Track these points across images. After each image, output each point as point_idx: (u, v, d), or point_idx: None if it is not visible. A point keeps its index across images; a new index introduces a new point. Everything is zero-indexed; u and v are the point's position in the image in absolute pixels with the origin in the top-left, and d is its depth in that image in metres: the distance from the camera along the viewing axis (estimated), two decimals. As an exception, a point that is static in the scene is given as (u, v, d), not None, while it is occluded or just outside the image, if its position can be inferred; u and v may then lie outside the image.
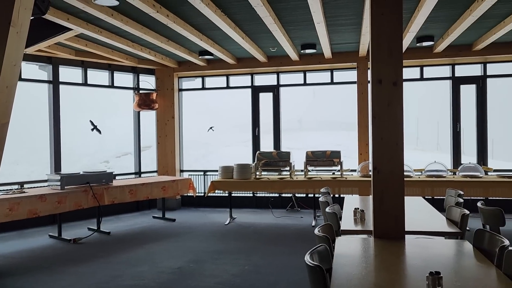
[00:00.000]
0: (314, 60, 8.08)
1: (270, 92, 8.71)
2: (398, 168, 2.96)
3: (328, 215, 3.45)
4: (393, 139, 2.97)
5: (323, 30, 6.00)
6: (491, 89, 7.78)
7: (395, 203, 2.95)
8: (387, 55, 2.98)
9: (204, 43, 6.58)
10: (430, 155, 12.03)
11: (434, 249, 2.67)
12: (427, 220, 3.65)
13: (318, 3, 4.78)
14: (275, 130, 8.69)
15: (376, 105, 2.99)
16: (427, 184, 6.63)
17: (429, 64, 7.92)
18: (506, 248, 2.28)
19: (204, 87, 9.01)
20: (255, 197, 8.68)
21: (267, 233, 6.43)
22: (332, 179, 6.92)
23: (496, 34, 6.28)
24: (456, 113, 7.93)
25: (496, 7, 5.15)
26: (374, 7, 3.00)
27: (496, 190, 6.50)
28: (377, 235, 2.97)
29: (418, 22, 5.59)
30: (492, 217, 3.40)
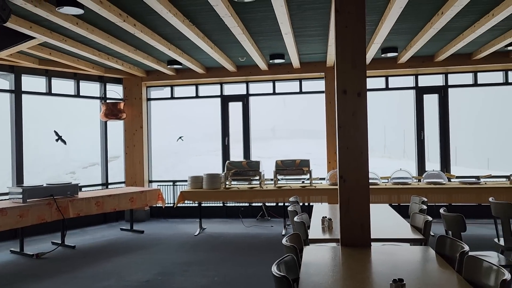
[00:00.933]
0: (282, 70, 8.17)
1: (240, 102, 8.73)
2: (363, 177, 3.02)
3: (296, 224, 3.47)
4: (359, 148, 3.03)
5: (291, 41, 6.08)
6: (452, 98, 8.08)
7: (361, 211, 3.00)
8: (351, 66, 3.05)
9: (172, 53, 6.54)
10: (397, 163, 12.34)
11: (398, 255, 2.73)
12: (393, 227, 3.73)
13: (285, 14, 4.85)
14: (245, 139, 8.70)
15: (342, 115, 3.05)
16: (394, 192, 6.79)
17: (393, 74, 8.16)
18: (466, 253, 2.36)
19: (173, 97, 8.94)
20: (225, 206, 8.64)
21: (237, 243, 6.40)
22: (302, 188, 6.98)
23: (455, 46, 6.55)
24: (420, 122, 8.18)
25: (455, 20, 5.37)
26: (338, 20, 3.07)
27: (458, 196, 6.72)
28: (344, 243, 3.01)
29: (382, 34, 5.76)
30: (454, 223, 3.51)
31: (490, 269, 2.06)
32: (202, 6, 4.73)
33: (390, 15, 4.93)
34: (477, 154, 18.68)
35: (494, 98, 8.26)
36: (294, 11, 5.09)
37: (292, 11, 5.06)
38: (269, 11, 4.88)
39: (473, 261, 2.21)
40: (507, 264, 3.61)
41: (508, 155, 11.19)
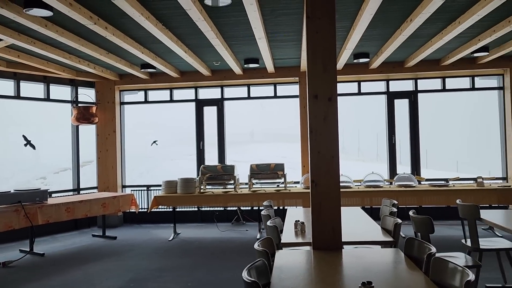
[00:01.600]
0: (257, 74, 8.21)
1: (215, 106, 8.71)
2: (334, 180, 3.06)
3: (269, 228, 3.48)
4: (330, 152, 3.07)
5: (265, 46, 6.12)
6: (422, 103, 8.29)
7: (332, 215, 3.04)
8: (322, 71, 3.09)
9: (145, 56, 6.47)
10: (370, 166, 12.56)
11: (368, 258, 2.77)
12: (364, 230, 3.79)
13: (259, 19, 4.88)
14: (220, 143, 8.68)
15: (313, 119, 3.09)
16: (366, 194, 6.90)
17: (366, 79, 8.32)
18: (433, 255, 2.42)
19: (147, 101, 8.83)
20: (200, 211, 8.58)
21: (211, 248, 6.36)
22: (276, 192, 7.01)
23: (424, 52, 6.73)
24: (391, 126, 8.36)
25: (423, 27, 5.53)
26: (309, 25, 3.11)
27: (428, 199, 6.89)
28: (316, 246, 3.04)
29: (354, 39, 5.87)
30: (423, 225, 3.59)
31: (455, 270, 2.12)
32: (175, 10, 4.71)
33: (361, 21, 5.03)
34: (447, 157, 19.22)
35: (461, 103, 8.53)
36: (267, 16, 5.13)
37: (266, 16, 5.10)
38: (243, 16, 4.90)
39: (439, 262, 2.27)
40: (473, 264, 3.72)
41: (476, 158, 11.56)
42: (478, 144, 9.08)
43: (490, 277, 4.51)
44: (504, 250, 4.02)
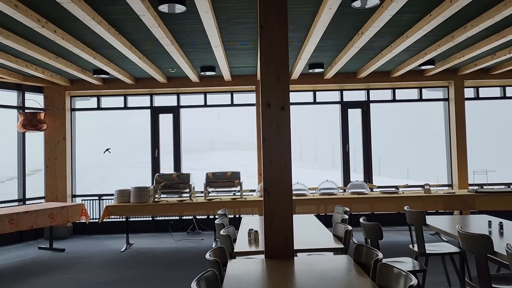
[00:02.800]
0: (214, 82, 8.18)
1: (171, 113, 8.58)
2: (286, 189, 3.08)
3: (222, 237, 3.45)
4: (282, 161, 3.09)
5: (221, 54, 6.12)
6: (373, 113, 8.58)
7: (284, 223, 3.06)
8: (275, 80, 3.12)
9: (98, 62, 6.28)
10: (326, 173, 12.81)
11: (319, 265, 2.81)
12: (316, 238, 3.84)
13: (214, 27, 4.87)
14: (176, 151, 8.56)
15: (266, 128, 3.11)
16: (321, 202, 7.02)
17: (321, 89, 8.50)
18: (379, 261, 2.48)
19: (99, 107, 8.57)
20: (154, 220, 8.39)
21: (166, 258, 6.22)
22: (232, 200, 6.99)
23: (375, 64, 6.98)
24: (345, 135, 8.58)
25: (374, 40, 5.74)
26: (262, 35, 3.14)
27: (379, 205, 7.10)
28: (268, 255, 3.04)
29: (309, 50, 5.99)
30: (372, 231, 3.69)
31: (399, 275, 2.19)
32: (129, 15, 4.62)
33: (315, 32, 5.15)
34: (398, 165, 19.98)
35: (411, 113, 8.90)
36: (223, 25, 5.14)
37: (221, 24, 5.11)
38: (198, 23, 4.87)
39: (385, 268, 2.33)
40: (420, 269, 3.85)
41: (425, 166, 12.08)
42: (427, 153, 9.50)
43: (436, 281, 4.69)
44: (449, 254, 4.21)
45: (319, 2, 4.45)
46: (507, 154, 8.82)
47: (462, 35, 5.35)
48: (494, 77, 8.03)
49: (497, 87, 8.47)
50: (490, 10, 4.67)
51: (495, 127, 9.12)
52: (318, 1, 4.44)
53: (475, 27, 5.02)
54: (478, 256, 3.09)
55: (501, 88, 8.48)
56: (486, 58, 6.96)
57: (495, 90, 8.51)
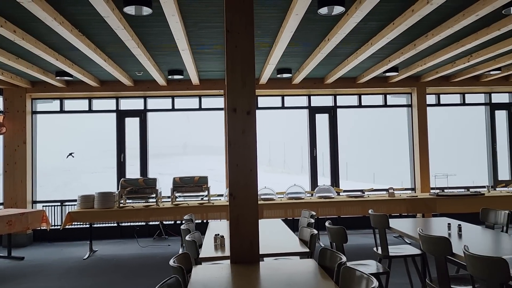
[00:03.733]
0: (182, 86, 8.11)
1: (137, 117, 8.43)
2: (252, 193, 3.08)
3: (187, 243, 3.41)
4: (248, 165, 3.09)
5: (188, 58, 6.07)
6: (340, 118, 8.73)
7: (250, 228, 3.05)
8: (241, 85, 3.12)
9: (61, 64, 6.10)
10: (296, 178, 12.94)
11: (284, 270, 2.81)
12: (283, 242, 3.85)
13: (181, 31, 4.83)
14: (142, 156, 8.41)
15: (231, 132, 3.10)
16: (288, 206, 7.06)
17: (289, 94, 8.58)
18: (343, 264, 2.51)
19: (62, 110, 8.32)
20: (119, 227, 8.19)
21: (130, 265, 6.08)
22: (200, 205, 6.92)
23: (342, 70, 7.11)
24: (313, 139, 8.68)
25: (340, 47, 5.85)
26: (228, 39, 3.14)
27: (346, 209, 7.22)
28: (234, 260, 3.02)
29: (277, 55, 6.04)
30: (337, 235, 3.74)
31: (361, 278, 2.22)
32: (93, 17, 4.51)
33: (282, 38, 5.20)
34: (365, 169, 20.40)
35: (376, 118, 9.13)
36: (190, 28, 5.11)
37: (189, 28, 5.07)
38: (165, 26, 4.82)
39: (348, 271, 2.36)
40: (383, 271, 3.93)
41: (389, 170, 12.38)
42: (391, 157, 9.76)
43: (400, 282, 4.80)
44: (411, 256, 4.31)
45: (286, 8, 4.49)
46: (466, 159, 9.17)
47: (423, 44, 5.54)
48: (454, 84, 8.35)
49: (457, 94, 8.81)
50: (449, 20, 4.86)
51: (455, 132, 9.47)
52: (285, 7, 4.48)
53: (435, 36, 5.20)
54: (437, 257, 3.19)
55: (460, 95, 8.82)
56: (446, 66, 7.23)
57: (455, 97, 8.85)
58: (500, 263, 2.47)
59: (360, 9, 4.23)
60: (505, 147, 8.81)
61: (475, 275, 2.71)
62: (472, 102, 8.87)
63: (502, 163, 8.75)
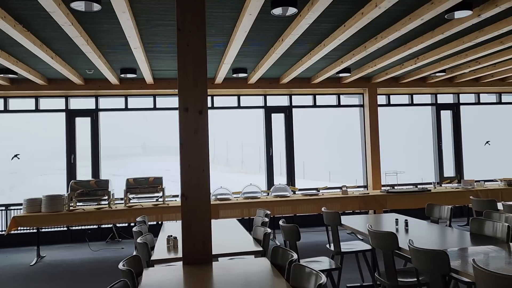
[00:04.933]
0: (135, 85, 7.92)
1: (88, 117, 8.15)
2: (204, 194, 3.06)
3: (138, 245, 3.34)
4: (200, 165, 3.07)
5: (141, 56, 5.93)
6: (296, 117, 8.86)
7: (202, 228, 3.03)
8: (193, 84, 3.09)
9: (4, 60, 5.78)
10: (253, 177, 13.01)
11: (237, 269, 2.82)
12: (237, 241, 3.85)
13: (133, 28, 4.71)
14: (94, 157, 8.13)
15: (183, 132, 3.06)
16: (245, 206, 7.08)
17: (245, 93, 8.59)
18: (294, 261, 2.55)
19: (7, 110, 7.89)
20: (70, 230, 7.88)
21: (81, 271, 5.87)
22: (154, 206, 6.79)
23: (297, 71, 7.21)
24: (269, 139, 8.75)
25: (294, 47, 5.92)
26: (180, 38, 3.10)
27: (301, 207, 7.34)
28: (186, 261, 2.99)
29: (231, 55, 6.03)
30: (291, 233, 3.79)
31: (310, 275, 2.26)
32: (38, 12, 4.30)
33: (236, 37, 5.19)
34: (321, 168, 20.83)
35: (331, 118, 9.34)
36: (142, 26, 4.99)
37: (141, 25, 4.96)
38: (116, 23, 4.68)
39: (298, 268, 2.40)
40: (336, 267, 4.03)
41: (344, 168, 12.73)
42: (346, 156, 10.03)
43: (352, 277, 4.94)
44: (361, 252, 4.45)
45: (239, 7, 4.49)
46: (415, 156, 9.58)
47: (373, 46, 5.72)
48: (403, 85, 8.69)
49: (405, 94, 9.18)
50: (397, 24, 5.04)
51: (404, 131, 9.87)
52: (239, 7, 4.48)
53: (384, 39, 5.39)
54: (385, 252, 3.30)
55: (409, 96, 9.20)
56: (395, 67, 7.51)
57: (404, 98, 9.21)
58: (442, 255, 2.60)
59: (312, 10, 4.30)
60: (449, 145, 9.29)
61: (419, 267, 2.83)
62: (419, 103, 9.28)
63: (447, 161, 9.22)
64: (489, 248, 3.12)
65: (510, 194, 7.87)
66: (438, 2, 4.21)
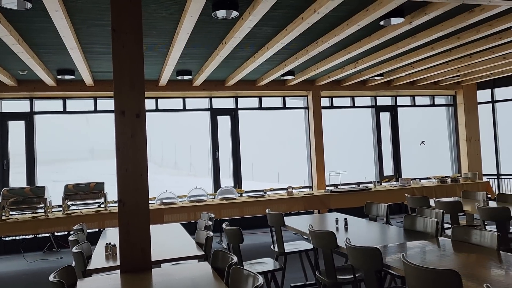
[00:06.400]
0: (74, 87, 7.58)
1: (22, 120, 7.70)
2: (143, 199, 2.98)
3: (74, 255, 3.19)
4: (138, 170, 2.99)
5: (79, 57, 5.69)
6: (242, 119, 8.89)
7: (141, 234, 2.95)
8: (129, 87, 3.01)
9: None
10: (202, 180, 12.89)
11: (176, 275, 2.77)
12: (180, 246, 3.79)
13: (68, 28, 4.51)
14: (29, 162, 7.68)
15: (120, 136, 2.97)
16: (190, 209, 7.00)
17: (190, 96, 8.51)
18: (233, 264, 2.55)
19: None
20: (2, 241, 7.39)
21: (14, 284, 5.52)
22: (95, 213, 6.54)
23: (242, 73, 7.24)
24: (215, 141, 8.72)
25: (238, 50, 5.95)
26: (115, 39, 3.01)
27: (248, 209, 7.37)
28: (124, 269, 2.90)
29: (174, 56, 5.94)
30: (233, 235, 3.79)
31: (248, 277, 2.27)
32: (-40, 8, 4.01)
33: (178, 39, 5.12)
34: (270, 169, 21.03)
35: (277, 120, 9.45)
36: (79, 26, 4.79)
37: (77, 25, 4.76)
38: (49, 22, 4.45)
39: (236, 271, 2.40)
40: (279, 268, 4.08)
41: (292, 169, 12.93)
42: (293, 157, 10.21)
43: (295, 277, 5.02)
44: (304, 251, 4.54)
45: (180, 9, 4.44)
46: (357, 157, 9.93)
47: (314, 50, 5.87)
48: (344, 88, 8.99)
49: (347, 97, 9.50)
50: (335, 29, 5.21)
51: (347, 133, 10.20)
52: (180, 9, 4.42)
53: (324, 43, 5.55)
54: (325, 251, 3.39)
55: (350, 98, 9.53)
56: (337, 71, 7.75)
57: (346, 100, 9.53)
58: (374, 252, 2.71)
59: (253, 14, 4.33)
60: (388, 146, 9.73)
61: (355, 264, 2.93)
62: (360, 105, 9.64)
63: (386, 160, 9.65)
64: (420, 243, 3.30)
65: (443, 191, 8.39)
66: (373, 9, 4.39)
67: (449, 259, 2.81)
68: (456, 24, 4.98)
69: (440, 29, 5.21)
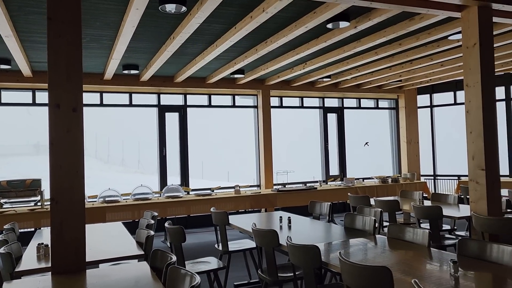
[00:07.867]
0: (11, 78, 7.13)
1: (-49, 111, 7.13)
2: (79, 197, 2.85)
3: (1, 256, 2.99)
4: (74, 167, 2.85)
5: (15, 46, 5.34)
6: (191, 117, 8.77)
7: (75, 234, 2.82)
8: (65, 79, 2.86)
9: None
10: (150, 178, 12.59)
11: (112, 276, 2.67)
12: (119, 246, 3.67)
13: (3, 15, 4.22)
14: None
15: (54, 131, 2.82)
16: (135, 208, 6.81)
17: (137, 91, 8.27)
18: (171, 264, 2.49)
19: None
20: None
21: None
22: (31, 211, 6.19)
23: (191, 70, 7.13)
24: (162, 138, 8.54)
25: (187, 46, 5.85)
26: (50, 28, 2.85)
27: (195, 208, 7.29)
28: (56, 271, 2.76)
29: (120, 50, 5.74)
30: (176, 234, 3.72)
31: (185, 276, 2.23)
32: None
33: (124, 32, 4.95)
34: (220, 168, 20.94)
35: (227, 118, 9.42)
36: (15, 13, 4.50)
37: (13, 12, 4.47)
38: (-20, 7, 4.15)
39: (174, 271, 2.35)
40: (223, 266, 4.06)
41: (242, 168, 12.95)
42: (243, 156, 10.22)
43: (239, 275, 5.03)
44: (248, 250, 4.55)
45: (125, 0, 4.29)
46: (304, 156, 10.13)
47: (264, 49, 5.89)
48: (294, 88, 9.12)
49: (296, 97, 9.65)
50: (284, 29, 5.26)
51: (296, 132, 10.37)
52: (125, 0, 4.28)
53: (274, 43, 5.59)
54: (267, 249, 3.41)
55: (299, 99, 9.69)
56: (286, 71, 7.85)
57: (295, 100, 9.68)
58: (313, 250, 2.76)
59: (202, 10, 4.27)
60: (335, 146, 10.00)
61: (295, 262, 2.97)
62: (309, 106, 9.83)
63: (332, 160, 9.91)
64: (358, 241, 3.41)
65: (384, 190, 8.75)
66: (320, 12, 4.48)
67: (384, 256, 2.92)
68: (398, 31, 5.20)
69: (383, 35, 5.41)
